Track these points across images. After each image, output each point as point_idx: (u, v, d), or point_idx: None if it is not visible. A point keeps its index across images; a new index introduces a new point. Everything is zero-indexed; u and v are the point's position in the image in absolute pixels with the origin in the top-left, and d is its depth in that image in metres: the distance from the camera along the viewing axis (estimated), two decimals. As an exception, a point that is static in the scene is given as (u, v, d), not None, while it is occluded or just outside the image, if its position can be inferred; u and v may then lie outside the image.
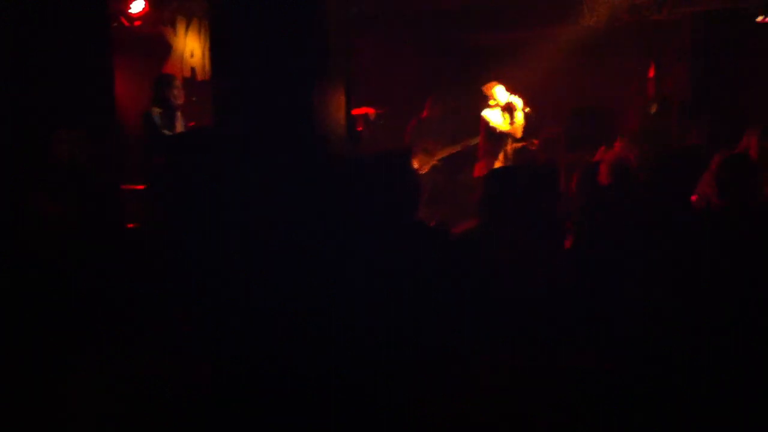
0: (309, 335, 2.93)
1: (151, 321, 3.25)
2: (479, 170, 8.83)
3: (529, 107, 8.90)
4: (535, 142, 9.39)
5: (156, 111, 6.72)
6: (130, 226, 5.71)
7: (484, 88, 8.97)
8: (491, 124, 8.79)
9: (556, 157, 10.09)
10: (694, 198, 5.07)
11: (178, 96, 6.81)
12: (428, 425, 2.57)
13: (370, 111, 9.62)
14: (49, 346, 2.93)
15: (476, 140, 9.17)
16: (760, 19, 8.84)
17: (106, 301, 3.38)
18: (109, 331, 3.06)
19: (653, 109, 10.45)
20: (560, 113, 10.47)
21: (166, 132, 6.61)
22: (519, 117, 8.85)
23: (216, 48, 4.78)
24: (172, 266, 3.56)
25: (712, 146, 7.22)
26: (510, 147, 8.88)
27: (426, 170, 9.27)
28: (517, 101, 8.85)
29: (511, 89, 8.97)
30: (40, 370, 2.77)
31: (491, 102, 8.89)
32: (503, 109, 8.84)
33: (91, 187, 5.48)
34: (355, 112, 8.78)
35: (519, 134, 8.90)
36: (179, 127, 6.76)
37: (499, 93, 8.87)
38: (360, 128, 9.22)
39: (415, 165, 9.26)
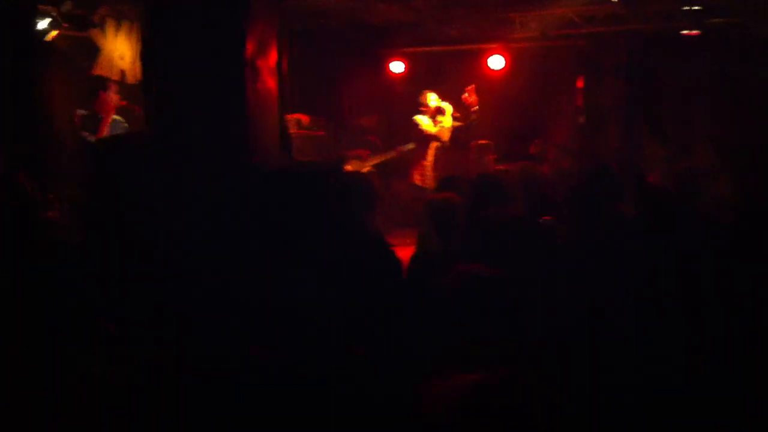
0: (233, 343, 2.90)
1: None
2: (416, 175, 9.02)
3: (476, 112, 9.07)
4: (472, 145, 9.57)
5: (79, 114, 6.54)
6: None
7: (420, 96, 9.14)
8: (420, 127, 8.96)
9: (487, 164, 10.26)
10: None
11: (106, 100, 6.64)
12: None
13: (303, 117, 9.58)
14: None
15: (410, 146, 9.24)
16: (685, 32, 9.11)
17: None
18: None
19: (582, 120, 10.70)
20: (492, 125, 10.64)
21: (87, 135, 6.43)
22: (447, 121, 9.07)
23: (147, 51, 4.69)
24: (90, 269, 3.46)
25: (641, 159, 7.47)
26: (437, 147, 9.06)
27: (359, 177, 9.28)
28: (447, 106, 9.03)
29: (443, 97, 9.14)
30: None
31: (422, 108, 9.06)
32: (432, 114, 9.00)
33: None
34: (288, 116, 8.75)
35: (446, 137, 9.06)
36: (105, 131, 6.58)
37: (431, 99, 9.05)
38: (293, 132, 9.17)
39: (349, 172, 9.28)
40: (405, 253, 4.29)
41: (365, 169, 9.34)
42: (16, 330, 2.88)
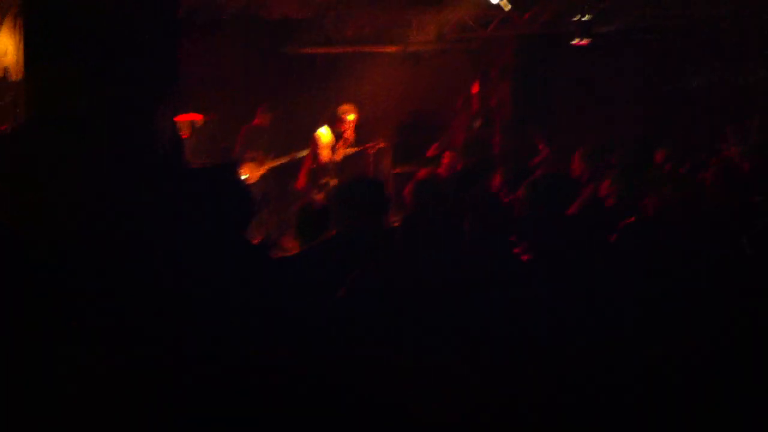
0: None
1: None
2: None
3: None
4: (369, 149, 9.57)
5: None
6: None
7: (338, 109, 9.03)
8: (320, 142, 8.85)
9: (384, 168, 10.33)
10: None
11: None
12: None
13: (197, 117, 9.37)
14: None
15: (303, 153, 9.12)
16: (575, 41, 9.38)
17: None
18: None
19: (478, 123, 10.88)
20: (389, 127, 10.70)
21: None
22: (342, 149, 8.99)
23: (31, 47, 4.46)
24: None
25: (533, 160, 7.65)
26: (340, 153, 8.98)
27: (255, 179, 9.16)
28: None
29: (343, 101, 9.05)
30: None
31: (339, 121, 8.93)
32: (341, 129, 8.94)
33: None
34: (181, 118, 8.54)
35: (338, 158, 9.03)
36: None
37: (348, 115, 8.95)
38: (186, 135, 8.97)
39: (245, 174, 9.14)
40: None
41: (261, 172, 9.23)
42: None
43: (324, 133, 8.90)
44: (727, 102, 9.36)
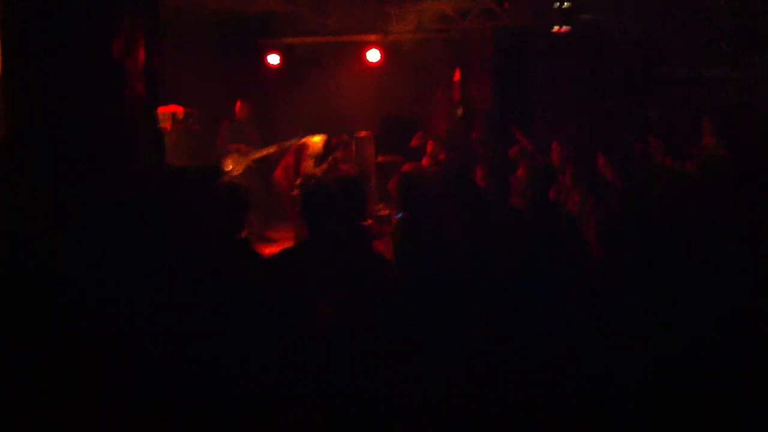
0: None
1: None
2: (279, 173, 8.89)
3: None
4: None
5: None
6: None
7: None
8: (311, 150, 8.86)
9: (367, 157, 10.34)
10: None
11: None
12: None
13: (178, 109, 9.32)
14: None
15: (291, 142, 9.12)
16: (555, 29, 9.40)
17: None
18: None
19: (459, 113, 10.91)
20: (370, 118, 10.72)
21: None
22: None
23: (6, 48, 4.42)
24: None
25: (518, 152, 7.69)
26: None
27: (240, 171, 9.16)
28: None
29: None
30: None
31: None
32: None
33: None
34: (162, 110, 8.50)
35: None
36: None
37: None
38: (168, 127, 8.93)
39: (229, 167, 9.12)
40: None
41: (246, 164, 9.21)
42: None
43: (315, 142, 8.85)
44: (701, 96, 9.45)
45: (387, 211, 8.37)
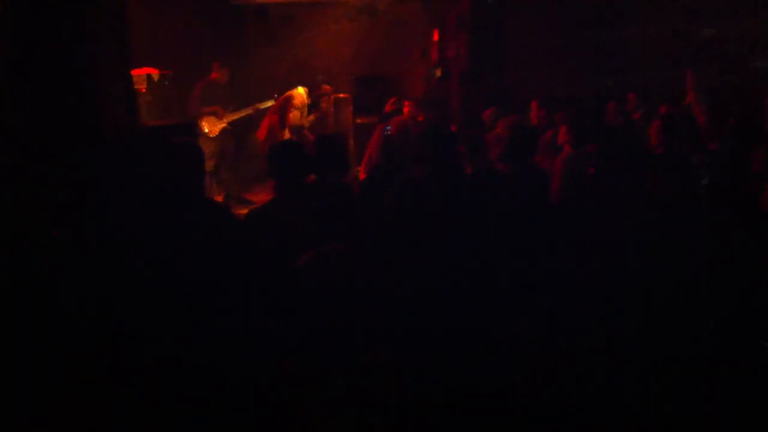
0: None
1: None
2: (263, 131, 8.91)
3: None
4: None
5: None
6: None
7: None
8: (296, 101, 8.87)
9: (345, 119, 10.31)
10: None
11: None
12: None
13: (153, 71, 9.22)
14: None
15: (267, 104, 9.13)
16: None
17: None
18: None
19: (437, 74, 10.86)
20: (347, 79, 10.66)
21: None
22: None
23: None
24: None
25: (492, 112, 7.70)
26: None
27: (216, 133, 9.12)
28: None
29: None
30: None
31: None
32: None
33: None
34: (136, 72, 8.41)
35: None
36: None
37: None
38: (143, 89, 8.83)
39: (205, 128, 9.07)
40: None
41: (222, 126, 9.17)
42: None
43: (300, 93, 8.91)
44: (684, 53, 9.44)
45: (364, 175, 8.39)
